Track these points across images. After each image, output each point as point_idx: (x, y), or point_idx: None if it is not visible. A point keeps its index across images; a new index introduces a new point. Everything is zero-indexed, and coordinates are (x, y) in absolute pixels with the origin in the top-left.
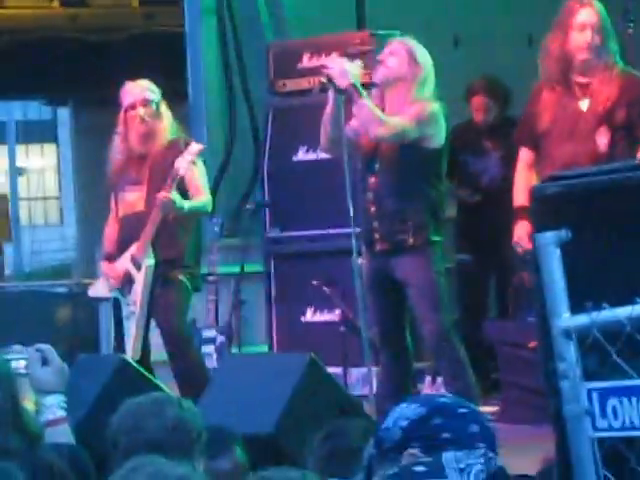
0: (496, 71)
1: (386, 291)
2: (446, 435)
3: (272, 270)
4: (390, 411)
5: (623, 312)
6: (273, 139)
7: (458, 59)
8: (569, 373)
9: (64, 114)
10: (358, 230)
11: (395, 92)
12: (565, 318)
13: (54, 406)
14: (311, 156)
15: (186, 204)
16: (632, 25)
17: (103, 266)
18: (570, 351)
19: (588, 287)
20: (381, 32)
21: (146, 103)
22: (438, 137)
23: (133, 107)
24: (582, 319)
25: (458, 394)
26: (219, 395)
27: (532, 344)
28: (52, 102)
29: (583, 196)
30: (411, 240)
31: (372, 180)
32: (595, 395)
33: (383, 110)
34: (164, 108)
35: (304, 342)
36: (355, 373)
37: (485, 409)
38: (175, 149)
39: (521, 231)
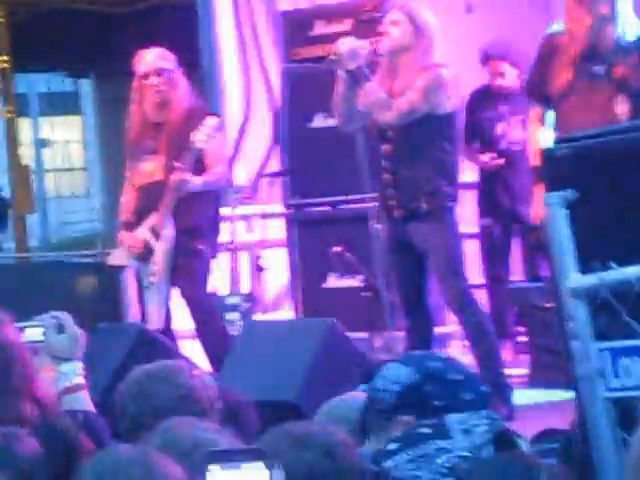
0: (510, 37)
1: (406, 256)
2: (438, 403)
3: (293, 237)
4: (382, 370)
5: (632, 272)
6: (289, 107)
7: (471, 25)
8: (580, 333)
9: (86, 86)
10: (375, 196)
11: (402, 61)
12: (574, 278)
13: (71, 373)
14: (328, 122)
15: (200, 181)
16: None
17: (122, 235)
18: (580, 311)
19: (597, 247)
20: None
21: (160, 72)
22: (449, 102)
23: (147, 76)
24: (591, 279)
25: (481, 358)
26: (241, 362)
27: (548, 304)
28: (74, 74)
29: (592, 157)
30: (425, 206)
31: (385, 148)
32: (607, 355)
33: (394, 80)
34: (179, 76)
35: (327, 308)
36: (380, 338)
37: (514, 372)
38: (193, 118)
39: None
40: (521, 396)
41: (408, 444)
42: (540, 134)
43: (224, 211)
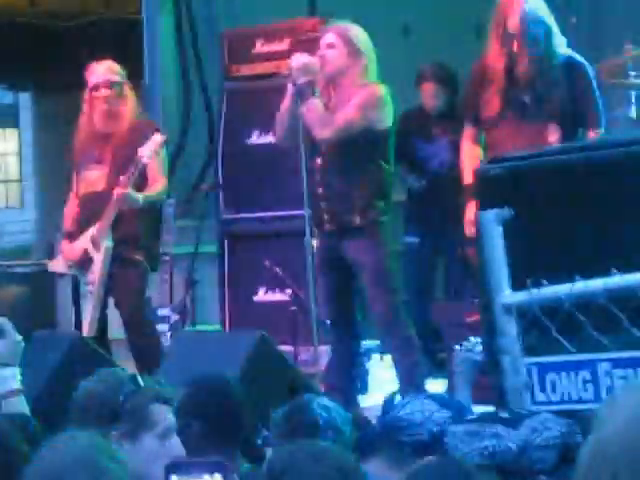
0: (444, 59)
1: (336, 271)
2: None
3: (226, 250)
4: (415, 401)
5: (562, 289)
6: (227, 122)
7: (408, 47)
8: (510, 348)
9: (25, 99)
10: (305, 211)
11: (340, 83)
12: (506, 294)
13: (9, 378)
14: (264, 139)
15: (141, 197)
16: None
17: (62, 244)
18: (511, 327)
19: (529, 265)
20: (332, 19)
21: (109, 85)
22: (385, 119)
23: (97, 88)
24: (522, 296)
25: (404, 373)
26: (171, 372)
27: (471, 318)
28: (13, 87)
29: (525, 177)
30: (357, 220)
31: (319, 161)
32: (534, 369)
33: (330, 100)
34: (128, 90)
35: (256, 321)
36: (305, 352)
37: (433, 387)
38: (139, 131)
39: (472, 213)
40: None
41: (480, 419)
42: (473, 153)
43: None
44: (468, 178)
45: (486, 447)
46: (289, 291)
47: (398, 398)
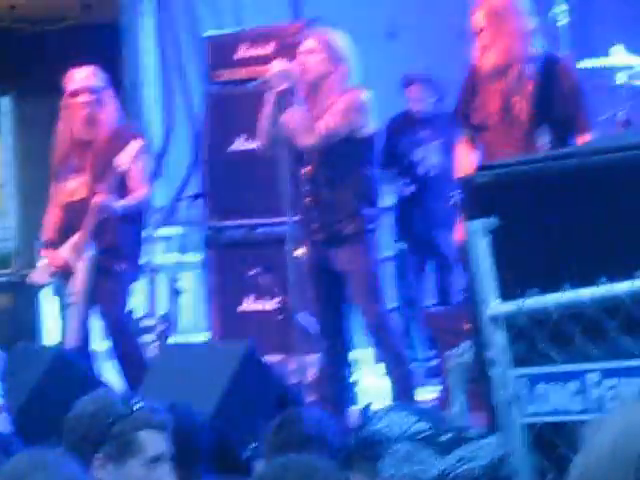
0: (430, 64)
1: (326, 281)
2: None
3: (211, 259)
4: (392, 415)
5: (550, 299)
6: (210, 128)
7: (392, 51)
8: (498, 359)
9: (5, 104)
10: (293, 220)
11: (321, 89)
12: (493, 305)
13: None
14: (248, 145)
15: (120, 206)
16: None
17: (43, 254)
18: (499, 338)
19: (517, 274)
20: (316, 23)
21: (90, 90)
22: (368, 125)
23: (75, 94)
24: (510, 306)
25: (395, 382)
26: (156, 384)
27: (467, 326)
28: None
29: (512, 185)
30: (347, 229)
31: (305, 171)
32: (524, 381)
33: (313, 106)
34: (109, 96)
35: (243, 331)
36: (293, 362)
37: (426, 396)
38: (120, 138)
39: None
40: None
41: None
42: (468, 159)
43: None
44: None
45: (411, 474)
46: (276, 300)
47: (373, 410)
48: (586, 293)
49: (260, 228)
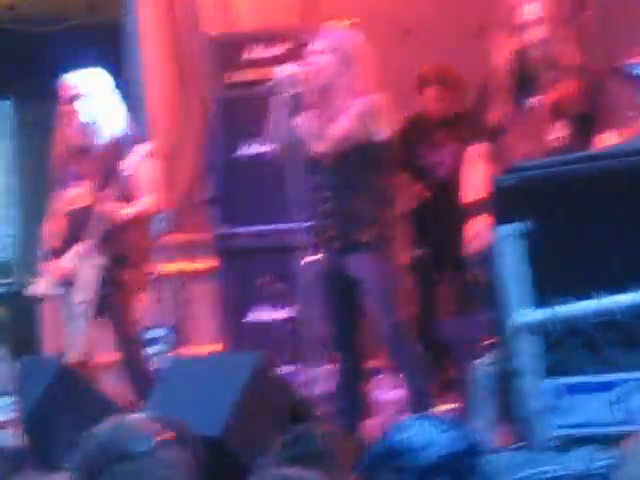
0: (446, 62)
1: (341, 289)
2: (473, 477)
3: (221, 267)
4: (416, 425)
5: (585, 307)
6: (220, 133)
7: (407, 49)
8: (529, 369)
9: (4, 107)
10: (303, 227)
11: (333, 91)
12: (527, 312)
13: (3, 408)
14: (259, 149)
15: (130, 212)
16: None
17: (45, 264)
18: (530, 346)
19: (551, 281)
20: (327, 23)
21: (85, 96)
22: (385, 129)
23: (70, 101)
24: (543, 314)
25: (415, 393)
26: (166, 396)
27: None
28: None
29: (543, 187)
30: (365, 237)
31: (322, 178)
32: (556, 391)
33: (325, 109)
34: (109, 99)
35: (253, 341)
36: (304, 373)
37: (443, 407)
38: (123, 143)
39: (474, 230)
40: None
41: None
42: (476, 170)
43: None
44: (471, 195)
45: (546, 472)
46: (287, 309)
47: (398, 420)
48: (623, 300)
49: (273, 234)
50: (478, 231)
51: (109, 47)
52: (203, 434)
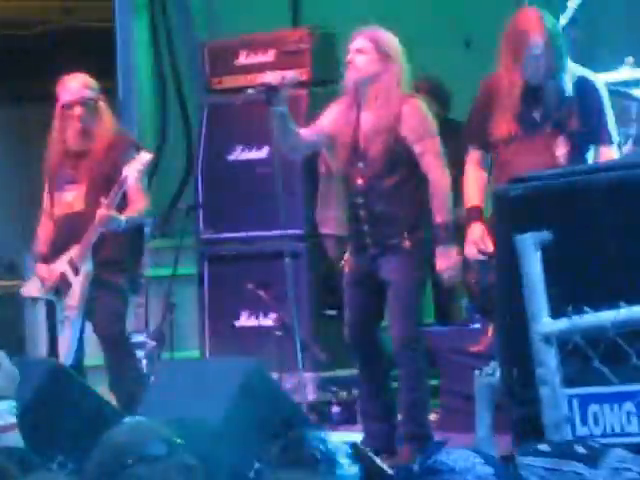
0: (433, 71)
1: (370, 293)
2: None
3: (206, 273)
4: (461, 450)
5: (606, 317)
6: (208, 138)
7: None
8: (549, 379)
9: None
10: (292, 232)
11: (371, 91)
12: (546, 322)
13: (4, 412)
14: (247, 155)
15: (124, 219)
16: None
17: (37, 267)
18: (550, 356)
19: (569, 290)
20: (319, 30)
21: (83, 102)
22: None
23: (70, 106)
24: (563, 323)
25: (409, 405)
26: (158, 401)
27: (474, 348)
28: None
29: (553, 197)
30: (405, 243)
31: (360, 182)
32: (575, 401)
33: (361, 110)
34: (103, 105)
35: (238, 347)
36: (289, 379)
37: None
38: (118, 149)
39: (476, 233)
40: None
41: (555, 453)
42: (478, 177)
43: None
44: (470, 201)
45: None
46: (273, 315)
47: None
48: None
49: (257, 240)
50: (480, 236)
51: (87, 53)
52: (196, 439)
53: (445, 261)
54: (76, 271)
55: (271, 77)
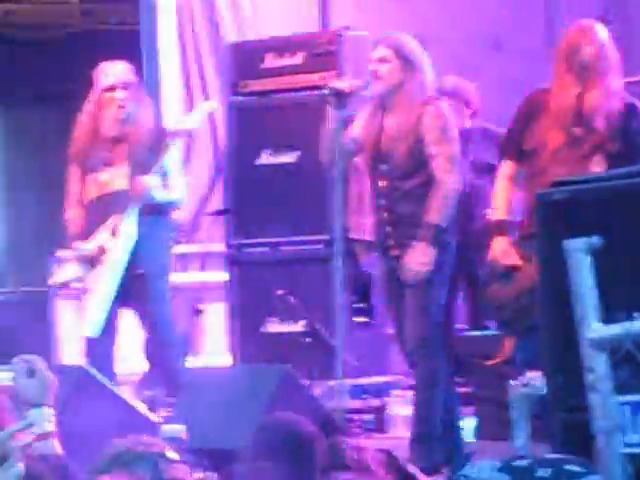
0: (461, 72)
1: (400, 294)
2: None
3: (234, 278)
4: (488, 463)
5: None
6: (235, 142)
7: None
8: (599, 386)
9: None
10: (319, 237)
11: (397, 99)
12: (596, 328)
13: (41, 420)
14: (274, 159)
15: (159, 194)
16: None
17: (75, 244)
18: (601, 363)
19: (620, 296)
20: (347, 32)
21: (127, 86)
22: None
23: (112, 89)
24: (614, 330)
25: (421, 405)
26: (190, 408)
27: (489, 363)
28: None
29: (601, 200)
30: None
31: (382, 184)
32: (627, 409)
33: (385, 117)
34: (144, 92)
35: (266, 354)
36: (319, 386)
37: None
38: (157, 136)
39: (501, 246)
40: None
41: None
42: (507, 190)
43: None
44: (497, 214)
45: None
46: (302, 322)
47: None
48: None
49: (286, 246)
50: (502, 250)
51: (106, 55)
52: (229, 447)
53: (416, 256)
54: (117, 234)
55: (340, 83)
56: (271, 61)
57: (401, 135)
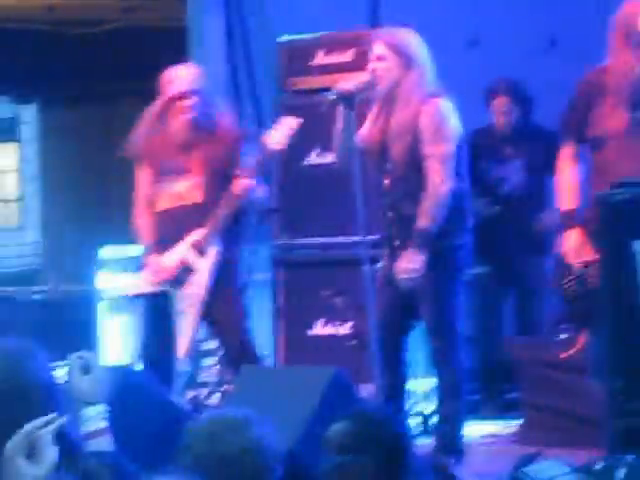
0: (515, 74)
1: (396, 298)
2: None
3: (279, 279)
4: (548, 462)
5: None
6: None
7: (474, 60)
8: None
9: (27, 112)
10: (371, 238)
11: (396, 96)
12: None
13: (95, 417)
14: (323, 159)
15: (258, 191)
16: None
17: (149, 259)
18: None
19: None
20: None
21: (197, 93)
22: (454, 134)
23: (183, 97)
24: None
25: (444, 417)
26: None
27: (563, 355)
28: (16, 99)
29: None
30: (433, 247)
31: (386, 183)
32: None
33: (389, 115)
34: (215, 98)
35: (311, 356)
36: (365, 389)
37: (502, 430)
38: (233, 139)
39: (574, 241)
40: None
41: None
42: (573, 174)
43: None
44: (565, 203)
45: None
46: (349, 324)
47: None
48: None
49: (333, 246)
50: (574, 247)
51: (146, 52)
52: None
53: (406, 264)
54: (202, 254)
55: (345, 84)
56: (320, 59)
57: (400, 133)
